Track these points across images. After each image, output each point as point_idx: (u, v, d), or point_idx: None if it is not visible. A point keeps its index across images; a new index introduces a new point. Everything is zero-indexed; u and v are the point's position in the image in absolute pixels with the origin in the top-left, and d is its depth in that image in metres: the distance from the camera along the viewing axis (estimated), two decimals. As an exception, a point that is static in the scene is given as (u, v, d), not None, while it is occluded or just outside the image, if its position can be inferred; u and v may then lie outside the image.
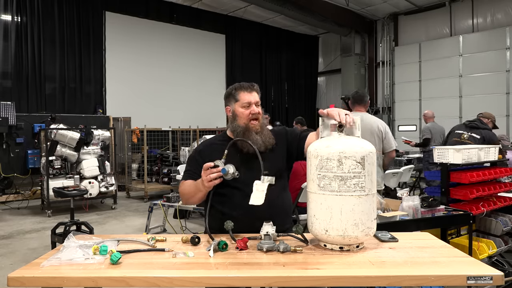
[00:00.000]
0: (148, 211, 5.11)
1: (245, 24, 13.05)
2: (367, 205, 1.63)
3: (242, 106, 2.00)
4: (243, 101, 2.00)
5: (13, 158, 7.63)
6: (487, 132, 4.65)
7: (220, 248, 1.65)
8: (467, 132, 4.72)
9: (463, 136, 4.73)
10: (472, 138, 4.64)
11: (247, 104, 1.99)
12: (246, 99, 2.00)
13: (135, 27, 10.68)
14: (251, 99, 2.00)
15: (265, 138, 1.98)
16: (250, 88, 2.03)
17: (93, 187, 6.96)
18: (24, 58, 8.94)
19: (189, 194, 2.00)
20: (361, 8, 12.32)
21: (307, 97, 15.12)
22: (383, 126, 3.79)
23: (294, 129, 2.19)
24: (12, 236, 5.43)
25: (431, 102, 11.86)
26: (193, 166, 2.07)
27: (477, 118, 4.89)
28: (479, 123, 4.76)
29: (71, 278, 1.42)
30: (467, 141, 4.57)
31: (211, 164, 1.83)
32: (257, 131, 1.98)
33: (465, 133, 4.73)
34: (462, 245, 3.09)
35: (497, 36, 10.77)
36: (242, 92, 2.02)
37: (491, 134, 4.68)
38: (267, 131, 2.02)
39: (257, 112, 1.99)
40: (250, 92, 2.02)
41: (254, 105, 2.00)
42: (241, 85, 2.06)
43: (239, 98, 2.02)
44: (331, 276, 1.42)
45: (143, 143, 8.61)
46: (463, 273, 1.41)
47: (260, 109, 2.04)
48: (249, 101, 1.99)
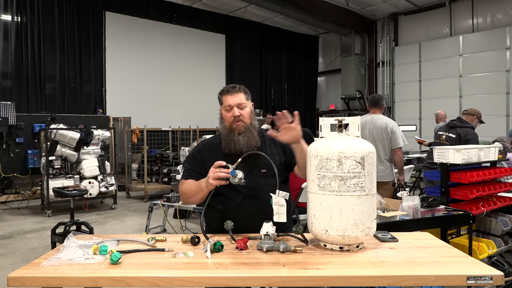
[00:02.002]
0: (148, 211, 5.11)
1: (245, 24, 13.05)
2: (367, 205, 1.63)
3: (225, 109, 2.04)
4: (225, 104, 2.04)
5: (13, 158, 7.63)
6: (464, 130, 4.62)
7: (216, 249, 1.65)
8: (445, 133, 4.75)
9: (442, 137, 4.76)
10: (448, 138, 4.65)
11: (229, 107, 2.02)
12: (227, 102, 2.03)
13: (135, 27, 10.67)
14: (231, 102, 2.02)
15: (248, 139, 1.98)
16: (232, 91, 2.04)
17: (93, 187, 6.96)
18: (24, 58, 8.94)
19: (190, 194, 2.00)
20: (361, 8, 12.32)
21: (307, 97, 15.12)
22: (391, 125, 4.19)
23: None
24: (12, 236, 5.43)
25: (431, 102, 11.86)
26: (193, 165, 2.08)
27: (457, 117, 4.87)
28: (457, 121, 4.76)
29: (71, 278, 1.42)
30: (444, 142, 4.58)
31: (223, 163, 1.84)
32: (240, 131, 2.00)
33: (444, 134, 4.76)
34: (462, 245, 3.09)
35: (497, 36, 10.77)
36: (224, 95, 2.05)
37: (468, 131, 4.62)
38: (251, 133, 2.02)
39: (237, 115, 2.00)
40: (232, 95, 2.03)
41: (235, 107, 2.01)
42: (224, 88, 2.09)
43: (222, 101, 2.06)
44: (331, 276, 1.42)
45: (143, 143, 8.61)
46: (463, 273, 1.41)
47: (246, 110, 2.04)
48: (229, 104, 2.02)
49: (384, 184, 4.09)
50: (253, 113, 2.09)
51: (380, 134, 4.18)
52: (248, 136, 1.99)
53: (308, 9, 11.35)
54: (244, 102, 2.04)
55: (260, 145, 2.02)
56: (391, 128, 4.17)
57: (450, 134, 4.67)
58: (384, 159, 4.19)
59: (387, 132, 4.17)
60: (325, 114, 14.29)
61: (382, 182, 4.04)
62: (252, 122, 2.05)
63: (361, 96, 13.40)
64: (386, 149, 4.20)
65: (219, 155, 1.98)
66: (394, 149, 4.18)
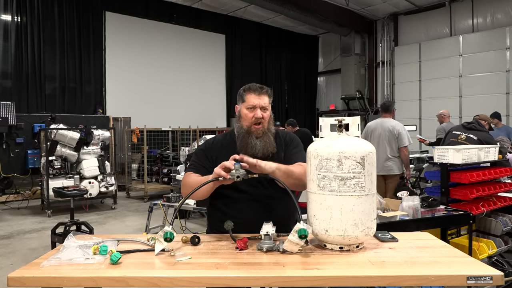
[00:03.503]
0: (148, 211, 5.11)
1: (245, 24, 13.05)
2: (367, 205, 1.63)
3: (247, 108, 1.98)
4: (248, 103, 1.97)
5: (13, 158, 7.63)
6: (484, 134, 4.63)
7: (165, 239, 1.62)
8: (464, 133, 4.73)
9: (460, 136, 4.73)
10: (469, 139, 4.63)
11: (252, 107, 1.96)
12: (251, 101, 1.96)
13: (135, 27, 10.67)
14: (256, 102, 1.96)
15: (265, 144, 1.94)
16: (259, 91, 1.98)
17: (93, 187, 6.96)
18: (24, 58, 8.94)
19: (194, 183, 1.92)
20: (361, 8, 12.32)
21: (307, 97, 15.11)
22: (398, 127, 4.98)
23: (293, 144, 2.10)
24: (12, 236, 5.43)
25: (431, 102, 11.86)
26: (200, 159, 2.04)
27: (474, 120, 4.92)
28: (476, 124, 4.75)
29: (71, 278, 1.42)
30: (464, 142, 4.57)
31: (236, 156, 1.79)
32: (258, 135, 1.95)
33: (462, 134, 4.74)
34: (462, 245, 3.09)
35: (497, 36, 10.76)
36: (249, 93, 1.99)
37: (489, 136, 4.65)
38: (269, 138, 1.98)
39: (260, 117, 1.95)
40: (258, 95, 1.97)
41: (259, 109, 1.96)
42: (250, 86, 2.02)
43: (245, 99, 1.99)
44: (331, 276, 1.42)
45: (143, 143, 8.62)
46: (463, 273, 1.41)
47: (267, 113, 1.99)
48: (254, 104, 1.96)
49: (393, 176, 4.99)
50: (272, 117, 2.04)
51: (388, 135, 4.98)
52: (266, 141, 1.95)
53: (308, 9, 11.34)
54: (267, 105, 2.00)
55: (275, 151, 1.98)
56: (397, 130, 4.95)
57: (471, 135, 4.64)
58: (392, 156, 4.99)
59: (394, 133, 4.95)
60: (325, 114, 14.29)
61: (392, 175, 4.98)
62: (270, 127, 2.00)
63: (361, 96, 13.40)
64: (394, 148, 4.98)
65: (227, 152, 1.90)
66: (400, 148, 4.96)
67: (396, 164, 5.00)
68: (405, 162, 5.01)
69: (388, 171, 4.96)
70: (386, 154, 4.97)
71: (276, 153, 1.99)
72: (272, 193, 1.94)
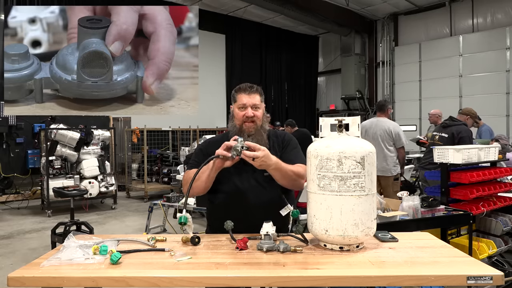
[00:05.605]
0: (148, 211, 5.11)
1: (245, 24, 13.04)
2: (367, 205, 1.63)
3: (238, 108, 2.02)
4: (239, 103, 2.02)
5: (13, 158, 7.63)
6: (456, 128, 4.64)
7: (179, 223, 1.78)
8: (439, 133, 4.78)
9: (435, 137, 4.78)
10: (441, 138, 4.69)
11: (243, 106, 2.00)
12: (242, 100, 2.01)
13: (135, 27, 10.65)
14: (246, 101, 2.00)
15: (257, 142, 1.94)
16: (249, 90, 2.02)
17: (93, 187, 6.96)
18: (24, 58, 8.93)
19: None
20: (361, 8, 12.32)
21: (307, 97, 15.11)
22: (394, 129, 4.91)
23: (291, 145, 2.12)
24: (12, 236, 5.43)
25: (431, 102, 11.85)
26: (199, 158, 2.06)
27: (449, 117, 4.93)
28: (449, 121, 4.81)
29: (71, 278, 1.42)
30: (438, 142, 4.60)
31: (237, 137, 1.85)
32: (250, 133, 1.98)
33: (438, 134, 4.79)
34: (462, 245, 3.09)
35: (497, 36, 10.77)
36: (240, 93, 2.03)
37: (460, 128, 4.64)
38: (261, 135, 2.00)
39: (250, 115, 1.98)
40: (248, 94, 2.01)
41: (249, 107, 1.99)
42: (240, 86, 2.06)
43: (237, 99, 2.04)
44: (331, 276, 1.42)
45: (143, 143, 8.61)
46: (463, 273, 1.41)
47: (259, 112, 2.02)
48: (243, 103, 2.00)
49: (388, 177, 4.88)
50: (265, 115, 2.07)
51: (384, 134, 4.89)
52: (258, 139, 1.97)
53: (308, 9, 11.34)
54: (258, 104, 2.03)
55: (268, 148, 1.98)
56: (394, 131, 4.89)
57: (443, 134, 4.70)
58: (387, 156, 4.88)
59: (391, 134, 4.89)
60: (325, 114, 14.29)
61: (386, 176, 4.86)
62: (263, 125, 2.03)
63: (361, 96, 13.40)
64: (389, 148, 4.90)
65: None
66: (398, 148, 4.91)
67: (391, 164, 4.89)
68: (401, 162, 5.00)
69: (382, 172, 4.79)
70: (381, 154, 4.77)
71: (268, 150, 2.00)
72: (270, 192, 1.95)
